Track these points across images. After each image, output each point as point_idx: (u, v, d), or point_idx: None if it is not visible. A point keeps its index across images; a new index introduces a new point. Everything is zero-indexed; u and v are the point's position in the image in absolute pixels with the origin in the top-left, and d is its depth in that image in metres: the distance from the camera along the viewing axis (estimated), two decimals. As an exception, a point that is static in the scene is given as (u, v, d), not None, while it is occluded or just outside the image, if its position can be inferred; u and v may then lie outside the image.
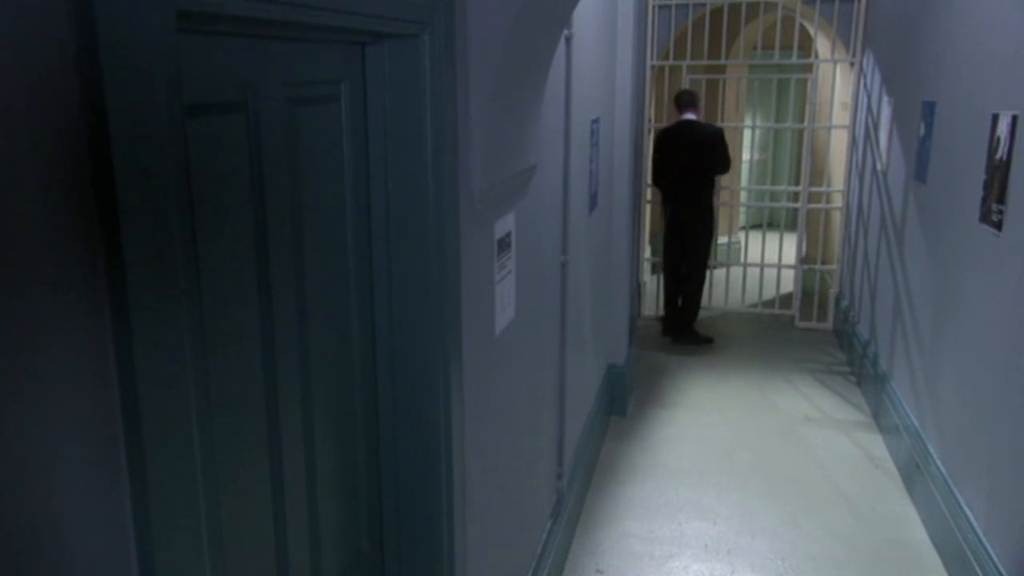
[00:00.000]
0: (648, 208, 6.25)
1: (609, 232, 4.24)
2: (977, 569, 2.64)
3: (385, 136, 1.41)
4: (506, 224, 2.03)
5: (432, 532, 1.51)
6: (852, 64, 5.59)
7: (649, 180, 5.93)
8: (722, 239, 7.32)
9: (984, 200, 2.81)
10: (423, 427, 1.49)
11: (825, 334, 5.82)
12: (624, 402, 4.41)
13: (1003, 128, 2.65)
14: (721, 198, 6.96)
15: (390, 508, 1.51)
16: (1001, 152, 2.66)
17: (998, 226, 2.67)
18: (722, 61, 5.99)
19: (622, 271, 4.45)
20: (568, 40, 2.67)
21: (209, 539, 0.82)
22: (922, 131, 3.73)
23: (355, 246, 1.39)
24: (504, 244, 2.03)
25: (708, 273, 5.87)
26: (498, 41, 1.61)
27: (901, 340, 3.97)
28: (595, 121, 3.53)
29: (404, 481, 1.51)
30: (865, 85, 5.38)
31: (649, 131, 6.08)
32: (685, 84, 5.85)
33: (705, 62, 5.82)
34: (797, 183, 7.31)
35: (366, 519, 1.47)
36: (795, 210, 6.22)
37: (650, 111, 6.01)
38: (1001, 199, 2.65)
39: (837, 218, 6.08)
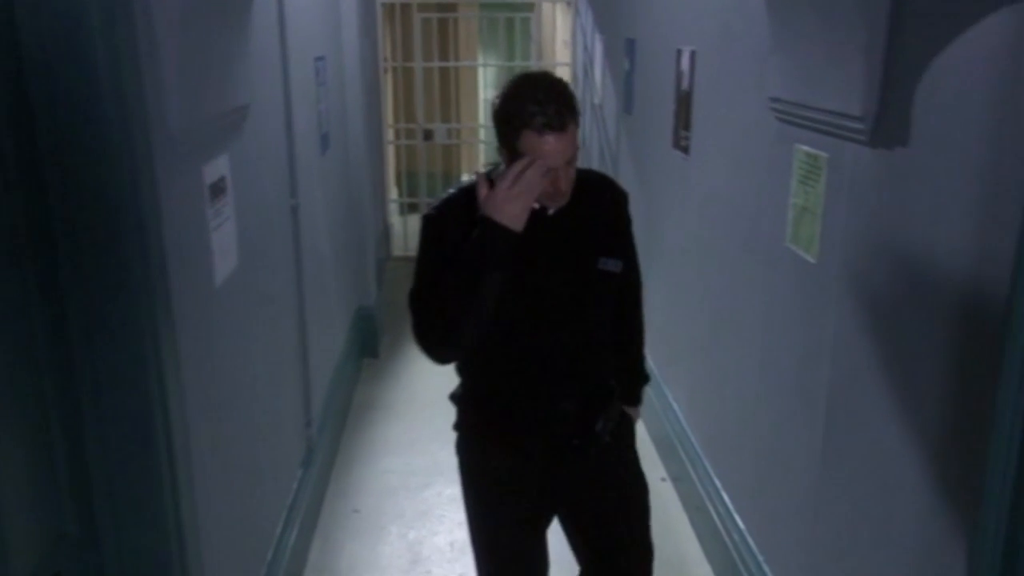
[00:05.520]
0: (392, 149, 6.20)
1: (347, 174, 4.16)
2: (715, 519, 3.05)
3: (48, 69, 1.24)
4: (219, 168, 1.91)
5: (152, 502, 1.42)
6: (569, 4, 5.91)
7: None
8: (465, 177, 7.44)
9: (675, 128, 3.15)
10: (130, 394, 1.38)
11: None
12: (376, 343, 4.43)
13: (685, 62, 2.98)
14: (461, 136, 7.06)
15: (100, 483, 1.39)
16: (685, 84, 2.99)
17: (686, 151, 3.02)
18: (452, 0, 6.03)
19: (365, 213, 4.40)
20: (275, -31, 2.52)
21: None
22: (627, 66, 4.07)
23: (23, 199, 1.22)
24: (218, 189, 1.91)
25: None
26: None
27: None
28: (320, 59, 3.40)
29: (115, 453, 1.39)
30: (581, 24, 5.73)
31: (386, 71, 5.99)
32: (416, 25, 5.80)
33: (436, 0, 5.82)
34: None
35: (69, 498, 1.35)
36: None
37: (386, 51, 5.91)
38: (687, 126, 2.99)
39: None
